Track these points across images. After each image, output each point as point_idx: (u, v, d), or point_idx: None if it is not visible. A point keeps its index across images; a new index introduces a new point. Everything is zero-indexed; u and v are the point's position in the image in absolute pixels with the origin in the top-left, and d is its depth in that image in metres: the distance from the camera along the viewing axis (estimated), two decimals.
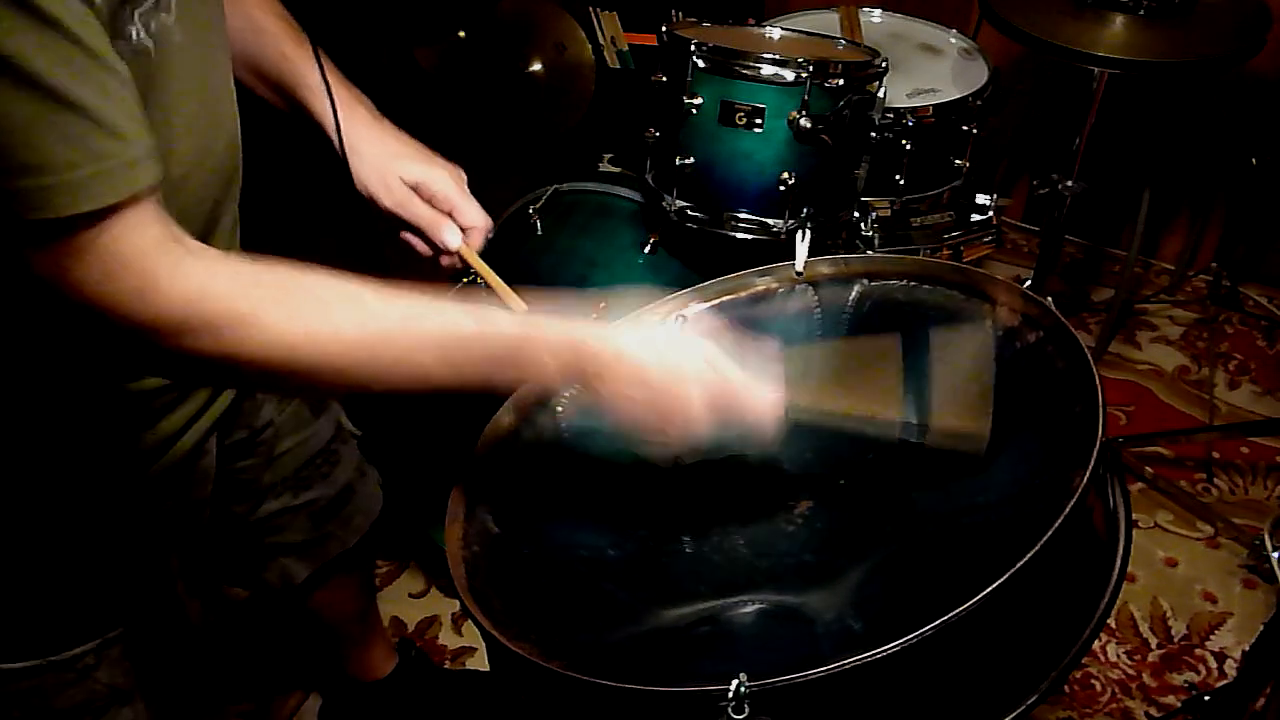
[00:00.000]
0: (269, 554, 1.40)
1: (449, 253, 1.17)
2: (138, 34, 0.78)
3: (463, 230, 1.17)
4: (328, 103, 1.11)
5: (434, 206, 1.16)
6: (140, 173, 0.73)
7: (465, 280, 1.75)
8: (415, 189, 1.15)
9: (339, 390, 0.95)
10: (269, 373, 0.82)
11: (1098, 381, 0.90)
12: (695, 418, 0.89)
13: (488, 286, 1.16)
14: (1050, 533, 0.76)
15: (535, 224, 1.83)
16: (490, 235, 1.19)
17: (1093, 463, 0.82)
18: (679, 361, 0.90)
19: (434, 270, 1.19)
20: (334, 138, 1.12)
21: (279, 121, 1.13)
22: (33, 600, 1.01)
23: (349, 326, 0.82)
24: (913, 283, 1.16)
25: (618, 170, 2.05)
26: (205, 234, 0.99)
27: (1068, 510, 0.77)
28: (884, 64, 1.59)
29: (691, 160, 1.59)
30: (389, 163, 1.14)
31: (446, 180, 1.16)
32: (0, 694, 1.03)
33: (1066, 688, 1.84)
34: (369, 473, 1.51)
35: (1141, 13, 1.87)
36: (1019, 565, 0.75)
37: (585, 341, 0.89)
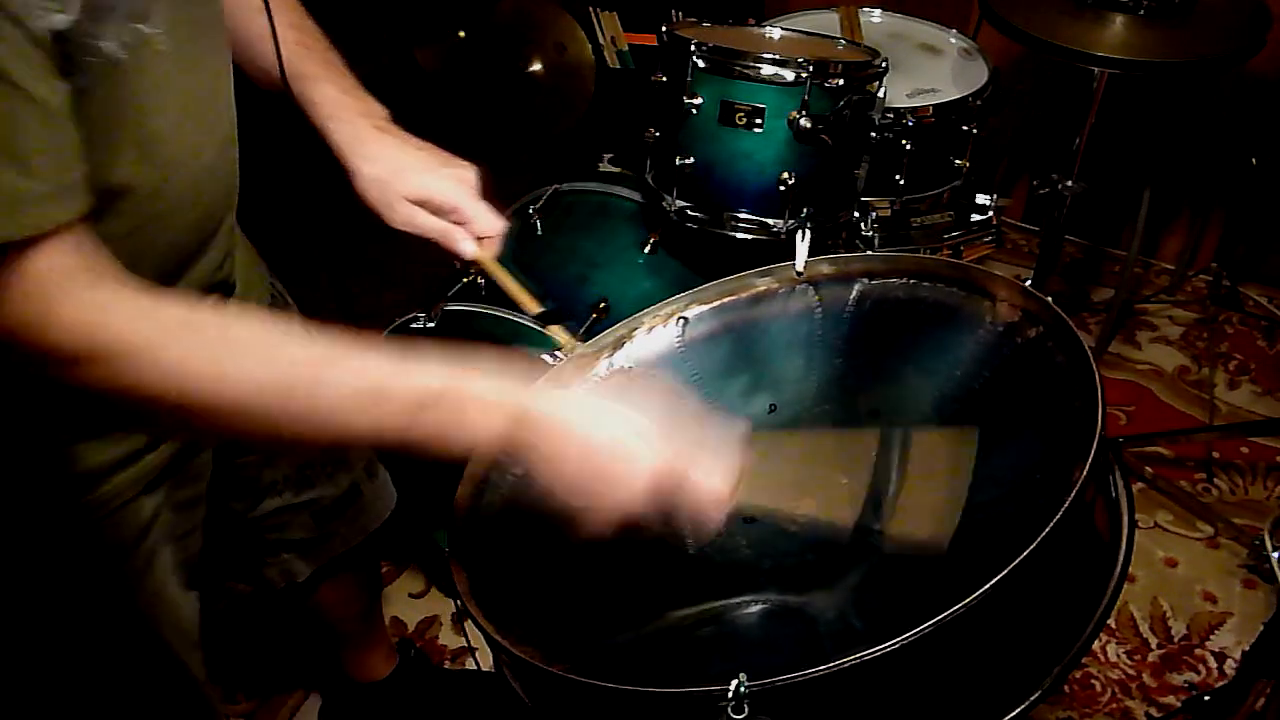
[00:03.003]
0: (270, 550, 1.39)
1: (466, 263, 1.15)
2: (109, 46, 0.78)
3: (478, 239, 1.14)
4: (329, 121, 1.10)
5: (445, 218, 1.13)
6: (49, 210, 0.72)
7: (466, 279, 1.76)
8: (422, 203, 1.12)
9: (249, 437, 0.88)
10: (166, 408, 0.78)
11: (1097, 376, 0.90)
12: (634, 499, 0.82)
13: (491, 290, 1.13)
14: (1050, 527, 0.76)
15: (535, 224, 1.83)
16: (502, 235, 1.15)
17: (1092, 456, 0.82)
18: (627, 437, 0.82)
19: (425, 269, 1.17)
20: (338, 156, 1.10)
21: (275, 127, 1.13)
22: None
23: (256, 367, 0.77)
24: (913, 281, 1.16)
25: (618, 170, 2.06)
26: (201, 235, 1.00)
27: (1067, 504, 0.77)
28: (884, 64, 1.59)
29: (691, 160, 1.59)
30: (392, 179, 1.11)
31: (452, 189, 1.12)
32: None
33: (1066, 688, 1.84)
34: (379, 473, 1.50)
35: (1141, 13, 1.87)
36: (1018, 560, 0.75)
37: (526, 405, 0.82)
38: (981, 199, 2.03)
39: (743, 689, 0.74)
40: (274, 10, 1.07)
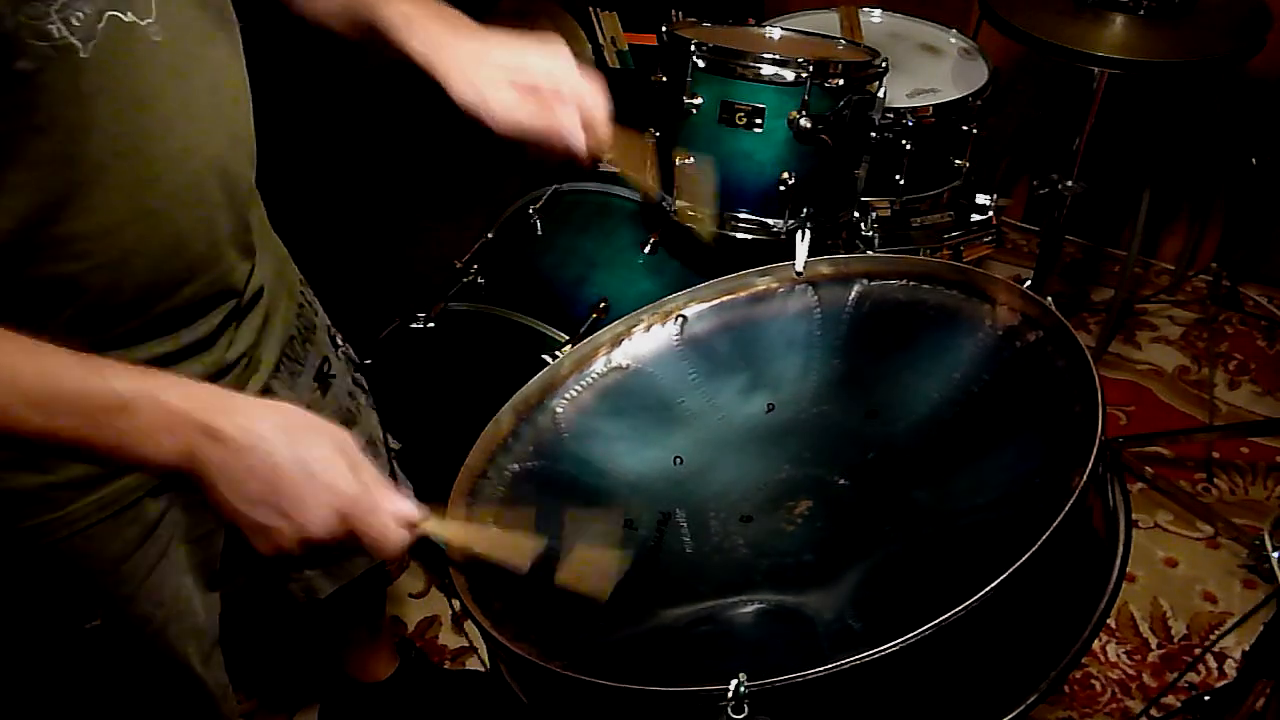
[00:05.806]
0: (294, 565, 1.38)
1: (581, 155, 1.06)
2: (59, 31, 0.78)
3: (583, 117, 1.05)
4: (409, 40, 1.03)
5: (543, 96, 1.04)
6: None
7: (465, 280, 1.76)
8: (516, 79, 1.03)
9: None
10: None
11: (1097, 380, 0.90)
12: (315, 521, 0.82)
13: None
14: (1049, 532, 0.76)
15: (535, 224, 1.83)
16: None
17: (1092, 462, 0.82)
18: (311, 458, 0.82)
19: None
20: (426, 71, 1.03)
21: (274, 127, 1.12)
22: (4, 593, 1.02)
23: None
24: (912, 282, 1.16)
25: (618, 170, 2.05)
26: (209, 235, 0.99)
27: (1066, 509, 0.77)
28: (884, 64, 1.59)
29: (691, 160, 1.59)
30: (479, 65, 1.02)
31: (545, 60, 1.04)
32: None
33: (1066, 688, 1.84)
34: (401, 487, 1.49)
35: (1141, 13, 1.87)
36: (1018, 564, 0.75)
37: (213, 421, 0.80)
38: (981, 199, 2.03)
39: (742, 689, 0.74)
40: None
